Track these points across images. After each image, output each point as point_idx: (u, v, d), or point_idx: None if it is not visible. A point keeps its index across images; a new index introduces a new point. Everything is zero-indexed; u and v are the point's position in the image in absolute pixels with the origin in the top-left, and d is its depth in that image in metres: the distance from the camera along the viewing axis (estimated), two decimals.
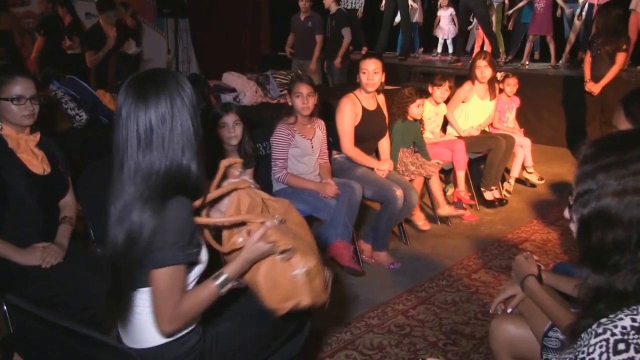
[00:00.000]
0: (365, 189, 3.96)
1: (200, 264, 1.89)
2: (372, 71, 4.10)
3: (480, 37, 9.87)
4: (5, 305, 2.50)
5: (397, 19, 10.17)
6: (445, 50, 11.11)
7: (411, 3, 10.37)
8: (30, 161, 2.68)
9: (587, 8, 8.57)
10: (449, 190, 5.49)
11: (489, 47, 9.03)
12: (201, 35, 10.87)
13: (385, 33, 9.74)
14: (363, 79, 4.15)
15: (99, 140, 3.98)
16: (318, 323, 3.32)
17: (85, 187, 3.14)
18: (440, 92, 5.13)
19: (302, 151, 3.92)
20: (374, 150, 4.48)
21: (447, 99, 5.31)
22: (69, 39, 7.38)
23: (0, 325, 2.62)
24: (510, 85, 5.77)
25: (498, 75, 5.93)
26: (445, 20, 10.76)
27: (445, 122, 5.49)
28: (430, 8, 11.23)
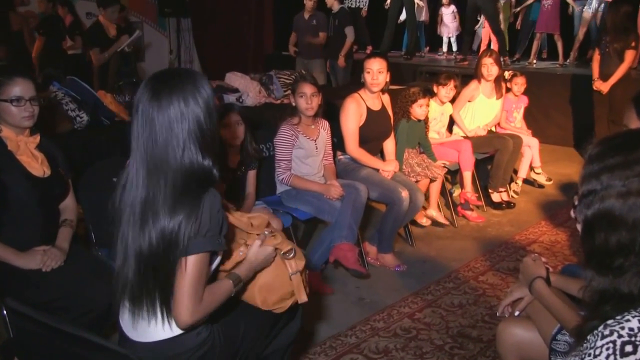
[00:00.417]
0: (370, 191, 3.96)
1: (219, 258, 1.98)
2: (376, 71, 4.10)
3: (486, 35, 9.85)
4: (4, 310, 2.50)
5: (402, 17, 10.16)
6: (450, 49, 11.10)
7: (417, 1, 10.36)
8: (30, 163, 2.68)
9: (603, 6, 8.53)
10: (455, 192, 5.48)
11: (496, 46, 9.01)
12: (203, 35, 10.86)
13: (390, 32, 9.72)
14: (367, 78, 4.14)
15: (100, 141, 3.99)
16: (323, 326, 3.34)
17: (86, 190, 3.15)
18: (445, 92, 5.13)
19: (306, 152, 3.92)
20: (379, 151, 4.48)
21: (452, 99, 5.30)
22: (70, 39, 7.39)
23: (0, 329, 2.62)
24: (518, 84, 5.76)
25: (506, 74, 5.92)
26: (448, 17, 10.75)
27: (451, 122, 5.48)
28: (436, 6, 11.21)
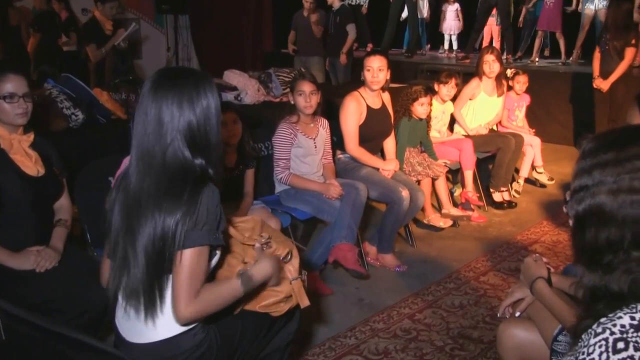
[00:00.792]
0: (370, 190, 3.95)
1: (218, 254, 1.99)
2: (376, 68, 4.09)
3: (488, 33, 9.85)
4: None
5: (404, 14, 10.15)
6: (451, 47, 11.08)
7: None
8: (24, 162, 2.67)
9: (605, 3, 8.51)
10: (456, 191, 5.48)
11: (498, 44, 9.02)
12: (202, 32, 10.85)
13: (391, 29, 9.72)
14: (367, 76, 4.14)
15: (96, 140, 3.99)
16: (322, 327, 3.33)
17: (81, 189, 3.15)
18: (446, 90, 5.11)
19: (305, 151, 3.91)
20: (379, 150, 4.47)
21: (453, 97, 5.29)
22: (66, 35, 7.38)
23: None
24: (520, 82, 5.75)
25: (508, 72, 5.91)
26: (451, 15, 10.73)
27: (452, 121, 5.47)
28: (438, 4, 11.19)
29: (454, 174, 5.50)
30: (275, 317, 2.27)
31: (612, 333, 1.23)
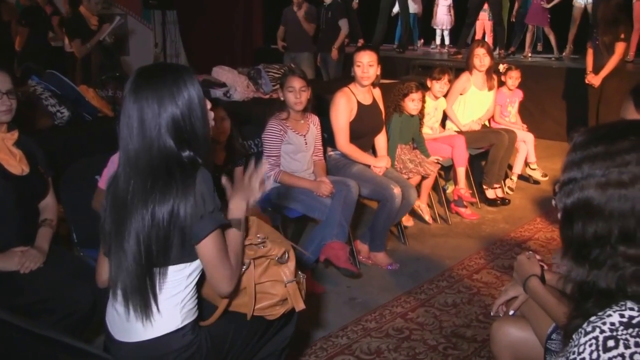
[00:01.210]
0: (361, 187, 3.95)
1: None
2: (366, 64, 4.09)
3: (480, 28, 9.86)
4: None
5: (395, 9, 10.15)
6: (442, 42, 11.09)
7: None
8: (8, 161, 2.65)
9: None
10: (449, 188, 5.48)
11: (490, 39, 9.03)
12: (190, 28, 10.81)
13: (382, 24, 9.71)
14: (358, 72, 4.13)
15: (82, 138, 3.97)
16: (314, 327, 3.33)
17: (67, 188, 3.13)
18: (439, 86, 5.12)
19: (296, 148, 3.90)
20: (370, 147, 4.47)
21: (446, 93, 5.30)
22: (51, 30, 7.33)
23: None
24: (512, 78, 5.77)
25: (500, 67, 5.93)
26: (443, 10, 10.74)
27: (444, 117, 5.48)
28: None
29: (447, 171, 5.51)
30: (271, 320, 2.27)
31: (602, 331, 1.23)
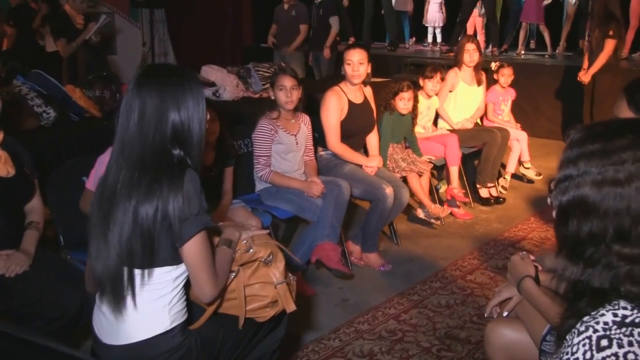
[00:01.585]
0: (353, 187, 3.95)
1: None
2: (357, 62, 4.09)
3: (471, 25, 9.88)
4: None
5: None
6: (434, 40, 11.10)
7: None
8: None
9: None
10: (441, 188, 5.49)
11: (481, 36, 9.06)
12: (179, 27, 10.76)
13: (368, 22, 9.73)
14: (348, 70, 4.13)
15: (69, 139, 3.95)
16: (305, 330, 3.32)
17: (54, 190, 3.12)
18: (432, 85, 5.11)
19: (286, 148, 3.90)
20: (362, 146, 4.47)
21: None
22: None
23: None
24: (505, 75, 5.77)
25: (492, 65, 5.94)
26: (434, 7, 10.73)
27: (437, 116, 5.48)
28: None
29: (439, 170, 5.52)
30: (261, 322, 2.27)
31: (596, 331, 1.23)
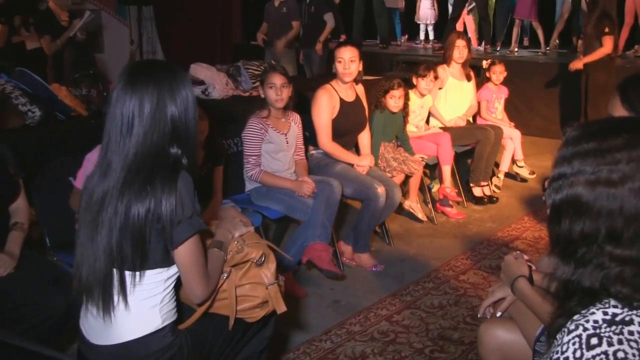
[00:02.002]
0: (344, 187, 3.95)
1: None
2: (348, 59, 4.09)
3: (461, 22, 9.90)
4: None
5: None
6: (427, 38, 11.11)
7: None
8: None
9: None
10: (434, 187, 5.50)
11: (472, 33, 9.09)
12: (167, 24, 10.73)
13: (359, 19, 9.72)
14: (339, 68, 4.13)
15: (55, 138, 3.92)
16: (296, 331, 3.32)
17: (39, 190, 3.11)
18: (425, 84, 5.09)
19: (277, 147, 3.89)
20: (353, 145, 4.47)
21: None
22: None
23: None
24: (497, 72, 5.78)
25: (484, 63, 5.96)
26: (426, 4, 10.74)
27: (429, 115, 5.48)
28: None
29: (432, 170, 5.52)
30: (250, 322, 2.29)
31: (586, 329, 1.23)
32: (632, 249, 1.28)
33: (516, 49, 9.33)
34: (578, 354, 1.21)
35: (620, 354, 1.19)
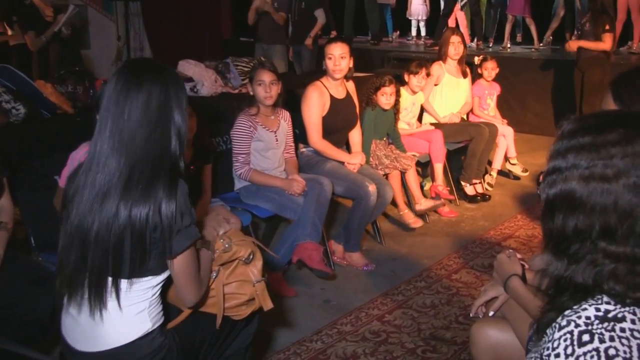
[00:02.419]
0: (335, 185, 3.95)
1: None
2: (338, 56, 4.08)
3: (453, 18, 9.92)
4: None
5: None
6: (419, 34, 11.12)
7: None
8: None
9: None
10: (426, 185, 5.50)
11: (464, 29, 9.11)
12: (155, 20, 10.71)
13: (349, 15, 9.72)
14: (329, 64, 4.13)
15: (40, 136, 3.89)
16: (287, 331, 3.32)
17: (24, 189, 3.09)
18: (417, 81, 5.09)
19: (266, 145, 3.89)
20: (344, 143, 4.47)
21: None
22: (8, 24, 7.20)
23: None
24: (489, 69, 5.78)
25: (475, 59, 5.97)
26: (418, 0, 10.75)
27: (421, 112, 5.48)
28: None
29: (424, 167, 5.53)
30: (236, 320, 2.30)
31: (577, 325, 1.23)
32: (626, 246, 1.28)
33: (509, 45, 9.35)
34: (569, 350, 1.22)
35: (612, 351, 1.19)
